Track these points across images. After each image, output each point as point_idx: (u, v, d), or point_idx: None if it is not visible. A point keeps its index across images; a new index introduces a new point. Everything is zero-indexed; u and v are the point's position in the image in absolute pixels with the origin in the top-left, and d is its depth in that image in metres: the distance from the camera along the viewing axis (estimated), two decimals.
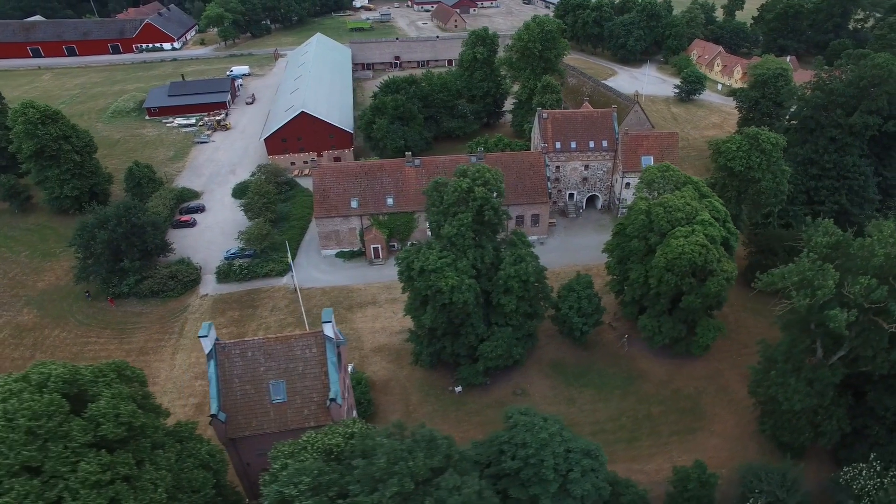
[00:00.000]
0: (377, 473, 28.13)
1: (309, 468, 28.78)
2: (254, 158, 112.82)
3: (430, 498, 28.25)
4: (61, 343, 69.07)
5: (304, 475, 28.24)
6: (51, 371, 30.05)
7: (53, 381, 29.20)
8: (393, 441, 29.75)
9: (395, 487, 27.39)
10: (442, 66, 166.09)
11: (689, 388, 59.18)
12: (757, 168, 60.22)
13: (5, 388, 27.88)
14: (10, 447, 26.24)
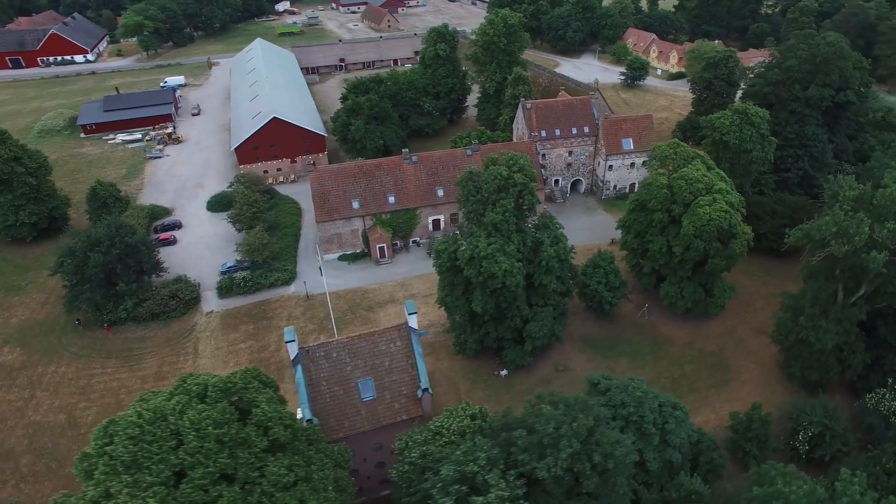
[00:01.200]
0: (545, 440, 29.83)
1: (481, 444, 29.98)
2: (219, 170, 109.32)
3: (597, 453, 30.35)
4: (62, 378, 64.55)
5: (478, 451, 29.42)
6: (206, 381, 29.28)
7: (212, 390, 28.50)
8: (552, 409, 31.52)
9: (568, 449, 29.25)
10: (387, 66, 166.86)
11: (711, 345, 64.67)
12: (748, 140, 66.74)
13: (173, 402, 26.94)
14: (206, 456, 25.50)
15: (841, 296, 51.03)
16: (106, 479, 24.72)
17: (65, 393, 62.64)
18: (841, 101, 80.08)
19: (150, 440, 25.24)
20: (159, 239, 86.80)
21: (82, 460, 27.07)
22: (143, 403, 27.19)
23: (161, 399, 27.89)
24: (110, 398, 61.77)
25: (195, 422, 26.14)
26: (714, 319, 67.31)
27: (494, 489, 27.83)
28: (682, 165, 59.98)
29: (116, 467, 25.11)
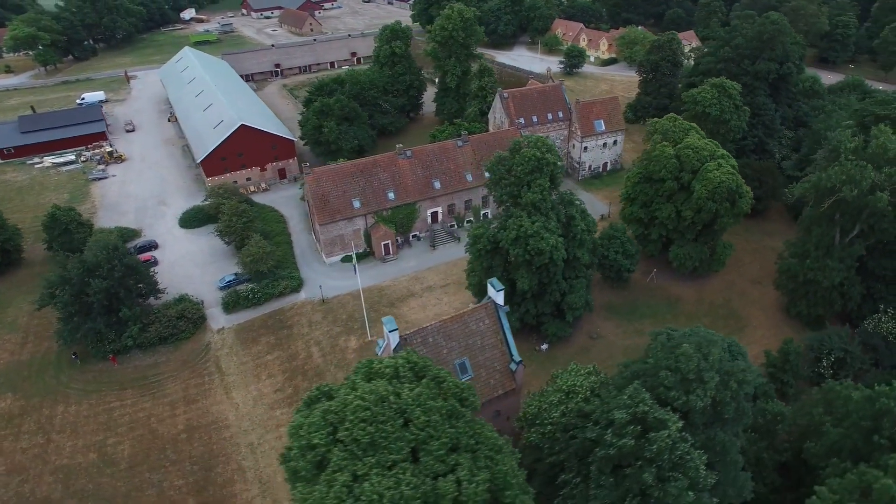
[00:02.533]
0: (690, 375, 33.20)
1: (639, 388, 32.82)
2: (180, 185, 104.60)
3: (734, 381, 34.23)
4: (77, 417, 60.05)
5: (641, 394, 32.28)
6: (392, 363, 29.76)
7: (402, 370, 29.11)
8: (690, 347, 34.95)
9: (713, 381, 32.84)
10: (324, 68, 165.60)
11: (719, 299, 71.54)
12: (727, 111, 74.34)
13: (381, 384, 27.13)
14: (435, 429, 26.13)
15: (838, 238, 58.91)
16: (348, 464, 24.73)
17: (86, 432, 58.39)
18: (784, 74, 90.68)
19: (382, 420, 25.60)
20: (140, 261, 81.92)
21: (289, 460, 26.76)
22: (353, 390, 27.14)
23: (359, 384, 28.06)
24: (141, 429, 58.39)
25: (415, 399, 26.81)
26: (714, 276, 74.38)
27: (671, 422, 30.91)
28: (683, 137, 66.07)
29: (355, 451, 25.23)
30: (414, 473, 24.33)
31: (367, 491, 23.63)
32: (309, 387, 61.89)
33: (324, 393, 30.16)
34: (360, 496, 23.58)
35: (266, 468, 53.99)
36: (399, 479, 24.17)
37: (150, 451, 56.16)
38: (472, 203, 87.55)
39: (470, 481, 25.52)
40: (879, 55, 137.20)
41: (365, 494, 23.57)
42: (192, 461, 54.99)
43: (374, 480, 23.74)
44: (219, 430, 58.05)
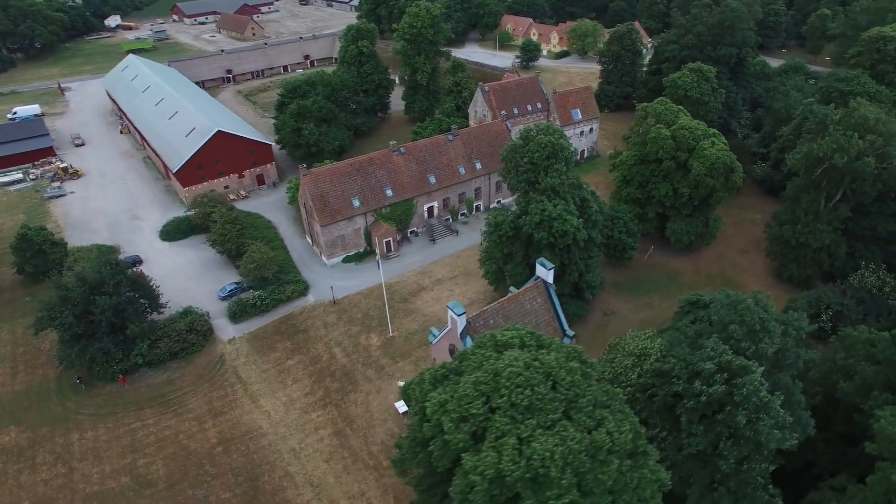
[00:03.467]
0: (756, 326, 36.63)
1: (716, 341, 35.78)
2: (150, 198, 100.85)
3: (792, 329, 37.93)
4: (97, 442, 57.40)
5: (719, 346, 35.22)
6: (515, 332, 31.08)
7: (527, 339, 30.52)
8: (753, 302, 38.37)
9: (777, 331, 36.36)
10: (277, 73, 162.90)
11: (714, 269, 76.78)
12: (706, 93, 79.88)
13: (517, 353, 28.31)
14: (579, 388, 27.63)
15: (823, 203, 64.99)
16: (511, 428, 25.84)
17: (111, 456, 55.93)
18: (741, 58, 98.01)
19: (534, 384, 26.87)
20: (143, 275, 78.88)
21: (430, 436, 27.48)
22: (494, 363, 28.03)
23: (491, 355, 29.20)
24: (172, 447, 56.56)
25: (557, 362, 28.28)
26: (706, 249, 79.68)
27: (753, 368, 34.01)
28: (675, 119, 70.65)
29: (515, 416, 26.38)
30: (570, 430, 25.94)
31: (537, 450, 25.01)
32: (340, 388, 62.03)
33: (451, 370, 31.13)
34: (532, 456, 24.93)
35: (314, 471, 53.68)
36: (563, 436, 25.68)
37: (187, 468, 54.55)
38: (466, 196, 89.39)
39: (620, 432, 27.48)
40: (808, 40, 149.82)
41: (536, 454, 24.95)
42: (235, 473, 53.89)
43: (541, 440, 25.13)
44: (255, 440, 57.06)
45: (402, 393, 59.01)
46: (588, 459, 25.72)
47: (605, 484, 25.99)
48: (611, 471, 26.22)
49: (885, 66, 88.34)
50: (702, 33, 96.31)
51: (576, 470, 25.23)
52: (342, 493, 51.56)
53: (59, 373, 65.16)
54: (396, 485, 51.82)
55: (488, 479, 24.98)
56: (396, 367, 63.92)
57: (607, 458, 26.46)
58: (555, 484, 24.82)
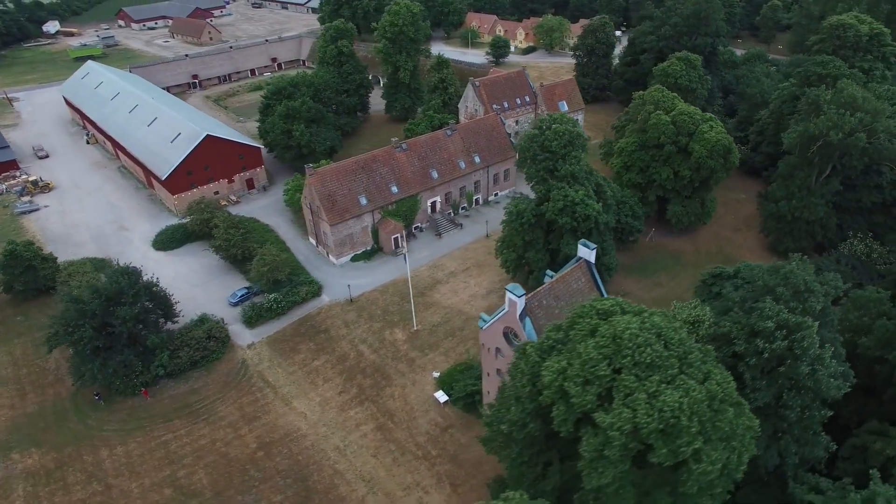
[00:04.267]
0: (801, 287, 39.81)
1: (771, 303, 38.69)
2: (135, 207, 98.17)
3: (830, 288, 41.57)
4: (130, 457, 55.98)
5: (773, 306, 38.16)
6: (611, 301, 32.79)
7: (626, 307, 32.38)
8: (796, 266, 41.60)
9: (821, 290, 39.77)
10: (244, 77, 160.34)
11: (712, 248, 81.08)
12: (694, 80, 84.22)
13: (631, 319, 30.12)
14: (686, 345, 29.68)
15: (814, 178, 69.97)
16: (638, 386, 27.51)
17: (148, 469, 54.66)
18: (714, 47, 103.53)
19: (651, 343, 28.73)
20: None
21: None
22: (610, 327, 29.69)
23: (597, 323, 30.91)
24: (211, 455, 55.75)
25: (664, 323, 30.24)
26: (702, 229, 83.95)
27: (808, 323, 37.01)
28: (673, 105, 74.38)
29: (639, 374, 28.08)
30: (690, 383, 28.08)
31: (667, 402, 26.90)
32: (374, 383, 62.47)
33: (557, 340, 32.61)
34: (662, 408, 26.77)
35: (364, 466, 54.03)
36: (685, 389, 27.68)
37: (231, 475, 53.94)
38: (466, 189, 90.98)
39: (728, 383, 29.85)
40: (760, 30, 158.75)
41: (666, 406, 26.82)
42: (282, 475, 53.65)
43: (667, 393, 27.05)
44: (296, 441, 56.87)
45: (439, 383, 60.42)
46: (707, 409, 27.89)
47: (723, 431, 28.22)
48: (726, 419, 28.47)
49: (846, 52, 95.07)
50: (678, 24, 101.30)
51: (699, 419, 27.34)
52: (396, 485, 52.19)
53: (73, 390, 63.04)
54: (450, 472, 52.93)
55: (626, 434, 26.75)
56: (427, 360, 64.84)
57: (720, 406, 28.70)
58: (684, 432, 26.85)
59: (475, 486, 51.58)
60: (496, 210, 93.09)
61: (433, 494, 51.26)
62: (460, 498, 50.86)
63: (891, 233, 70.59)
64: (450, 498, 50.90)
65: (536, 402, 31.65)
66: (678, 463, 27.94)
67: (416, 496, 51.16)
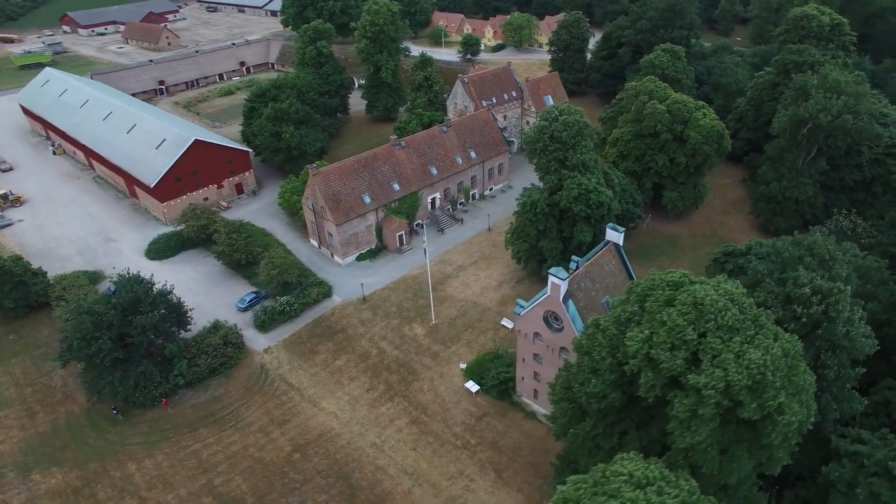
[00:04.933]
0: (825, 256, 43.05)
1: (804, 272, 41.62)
2: (119, 217, 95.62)
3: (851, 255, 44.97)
4: (160, 469, 54.91)
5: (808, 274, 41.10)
6: (676, 272, 34.74)
7: (688, 276, 34.35)
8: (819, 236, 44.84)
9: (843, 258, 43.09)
10: (213, 82, 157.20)
11: (706, 231, 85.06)
12: (680, 71, 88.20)
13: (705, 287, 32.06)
14: (752, 308, 31.96)
15: (801, 159, 74.66)
16: (723, 347, 29.45)
17: (182, 480, 53.74)
18: (688, 39, 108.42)
19: (729, 308, 30.77)
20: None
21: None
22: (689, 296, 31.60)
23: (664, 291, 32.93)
24: (246, 461, 55.23)
25: (734, 289, 32.43)
26: (694, 214, 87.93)
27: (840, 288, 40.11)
28: (666, 95, 77.82)
29: (723, 336, 30.02)
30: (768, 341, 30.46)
31: (754, 360, 29.06)
32: (401, 378, 63.08)
33: (632, 313, 34.35)
34: (750, 366, 28.86)
35: (404, 460, 54.62)
36: (765, 347, 29.93)
37: (271, 479, 53.62)
38: (463, 185, 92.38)
39: (795, 342, 32.46)
40: (719, 23, 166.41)
41: (753, 363, 28.96)
42: (323, 475, 53.70)
43: (751, 353, 29.16)
44: (331, 441, 56.93)
45: (468, 374, 61.62)
46: (784, 365, 30.25)
47: (797, 385, 30.62)
48: (800, 373, 30.93)
49: (811, 41, 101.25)
50: (654, 18, 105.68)
51: (780, 374, 29.65)
52: (440, 475, 53.04)
53: (88, 406, 61.25)
54: (492, 458, 54.16)
55: (719, 392, 28.75)
56: (451, 352, 65.87)
57: (793, 363, 31.15)
58: (769, 387, 29.10)
59: (518, 471, 53.02)
60: (493, 204, 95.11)
61: (478, 481, 52.37)
62: (505, 482, 52.18)
63: (871, 208, 75.85)
64: (495, 483, 52.13)
65: (617, 372, 33.36)
66: (759, 418, 30.19)
67: (462, 484, 52.16)
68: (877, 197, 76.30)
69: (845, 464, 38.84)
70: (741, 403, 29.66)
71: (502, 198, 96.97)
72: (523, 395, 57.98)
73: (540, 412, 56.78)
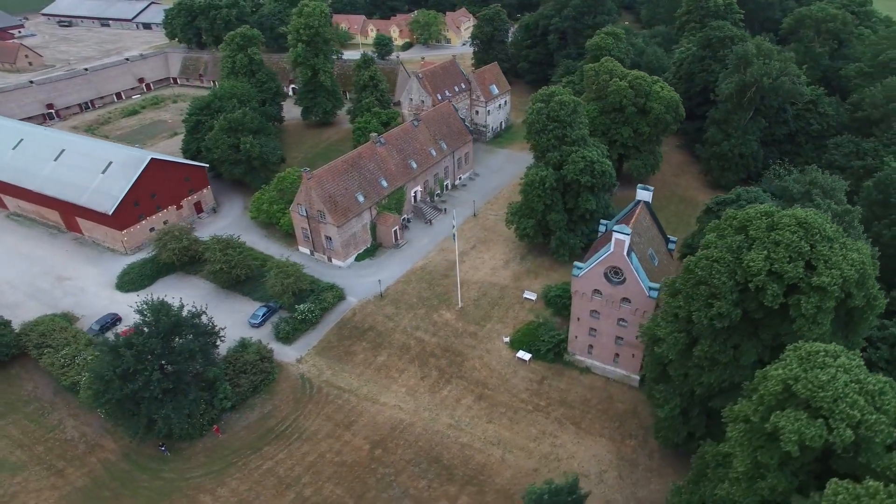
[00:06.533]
0: (829, 189, 53.03)
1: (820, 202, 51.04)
2: (64, 254, 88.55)
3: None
4: (241, 493, 53.41)
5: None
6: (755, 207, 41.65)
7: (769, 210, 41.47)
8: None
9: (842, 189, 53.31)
10: (110, 101, 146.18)
11: (667, 191, 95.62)
12: (622, 51, 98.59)
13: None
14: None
15: (744, 120, 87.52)
16: (831, 252, 36.72)
17: (267, 499, 52.66)
18: (607, 24, 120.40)
19: (826, 221, 38.53)
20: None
21: None
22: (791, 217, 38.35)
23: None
24: (329, 467, 55.18)
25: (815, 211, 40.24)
26: (651, 179, 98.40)
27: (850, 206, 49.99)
28: (625, 73, 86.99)
29: (828, 244, 37.33)
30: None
31: (856, 259, 36.37)
32: (451, 361, 65.88)
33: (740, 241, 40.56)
34: (854, 263, 36.37)
35: (485, 433, 57.63)
36: (857, 249, 37.76)
37: (363, 478, 54.16)
38: (438, 176, 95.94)
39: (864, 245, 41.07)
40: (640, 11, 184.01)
41: (856, 262, 36.27)
42: (414, 463, 55.25)
43: (851, 254, 36.80)
44: (407, 431, 58.43)
45: (513, 345, 65.98)
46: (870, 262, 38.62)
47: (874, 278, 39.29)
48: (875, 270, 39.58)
49: (709, 20, 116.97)
50: (578, 6, 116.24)
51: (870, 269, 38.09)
52: (525, 439, 56.83)
53: (124, 449, 57.54)
54: (566, 414, 58.93)
55: (839, 287, 36.07)
56: (488, 329, 69.54)
57: (871, 261, 39.49)
58: (869, 280, 37.29)
59: (593, 420, 58.27)
60: (467, 192, 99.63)
61: (561, 436, 56.90)
62: (586, 432, 57.20)
63: (798, 157, 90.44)
64: (577, 434, 56.97)
65: (737, 292, 39.73)
66: (863, 304, 38.14)
67: (548, 442, 56.39)
68: (801, 146, 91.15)
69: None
70: (851, 295, 37.29)
71: (472, 185, 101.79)
72: (576, 353, 63.28)
73: (595, 365, 62.45)
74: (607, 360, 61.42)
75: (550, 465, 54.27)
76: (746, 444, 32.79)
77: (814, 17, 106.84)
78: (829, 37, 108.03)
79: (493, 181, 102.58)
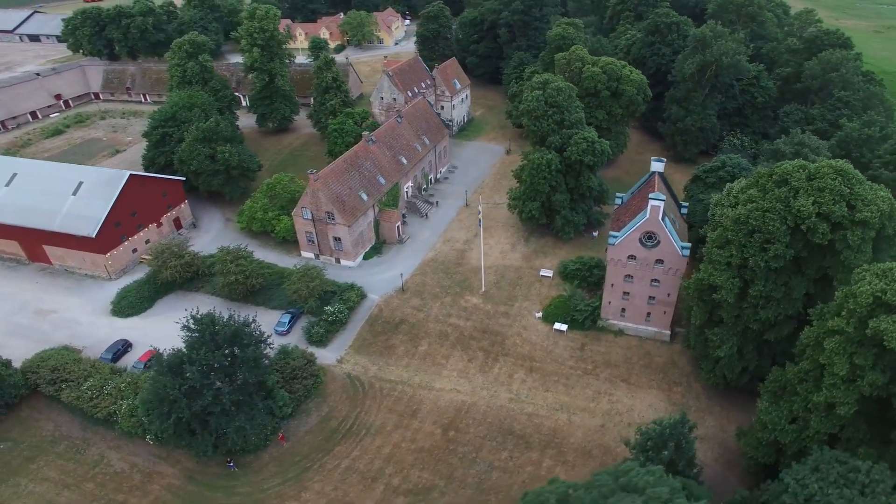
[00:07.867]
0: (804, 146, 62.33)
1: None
2: (30, 289, 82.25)
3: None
4: (328, 493, 54.22)
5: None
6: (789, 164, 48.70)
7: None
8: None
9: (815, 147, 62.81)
10: (25, 122, 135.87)
11: (635, 167, 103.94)
12: (579, 39, 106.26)
13: None
14: None
15: (703, 96, 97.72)
16: (864, 192, 44.15)
17: (357, 494, 53.84)
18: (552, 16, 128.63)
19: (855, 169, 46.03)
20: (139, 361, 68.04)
21: None
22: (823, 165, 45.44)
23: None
24: (408, 456, 57.02)
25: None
26: (619, 158, 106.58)
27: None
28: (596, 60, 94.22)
29: (861, 185, 44.85)
30: None
31: (886, 197, 44.36)
32: (492, 342, 69.58)
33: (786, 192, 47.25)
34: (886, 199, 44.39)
35: (545, 401, 61.82)
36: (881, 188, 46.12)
37: (446, 459, 56.51)
38: (424, 170, 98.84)
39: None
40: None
41: (886, 199, 44.24)
42: (489, 438, 58.34)
43: (881, 192, 44.80)
44: (472, 411, 61.32)
45: (548, 319, 70.86)
46: None
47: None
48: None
49: (643, 8, 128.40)
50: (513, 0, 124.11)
51: None
52: (585, 400, 61.68)
53: (187, 471, 56.46)
54: (614, 373, 64.47)
55: (886, 215, 43.94)
56: (518, 307, 73.75)
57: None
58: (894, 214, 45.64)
59: (640, 374, 64.20)
60: (450, 184, 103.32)
61: (616, 393, 62.30)
62: (637, 386, 62.96)
63: (746, 128, 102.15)
64: (630, 390, 62.62)
65: (788, 234, 46.60)
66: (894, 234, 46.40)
67: (606, 399, 61.61)
68: (748, 118, 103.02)
69: None
70: (884, 226, 45.36)
71: (453, 178, 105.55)
72: (609, 318, 69.00)
73: (628, 327, 68.48)
74: (639, 320, 67.59)
75: (615, 420, 59.46)
76: (842, 352, 39.30)
77: (735, 2, 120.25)
78: (748, 19, 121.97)
79: (472, 172, 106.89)
